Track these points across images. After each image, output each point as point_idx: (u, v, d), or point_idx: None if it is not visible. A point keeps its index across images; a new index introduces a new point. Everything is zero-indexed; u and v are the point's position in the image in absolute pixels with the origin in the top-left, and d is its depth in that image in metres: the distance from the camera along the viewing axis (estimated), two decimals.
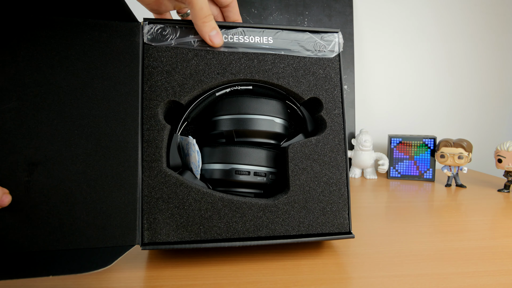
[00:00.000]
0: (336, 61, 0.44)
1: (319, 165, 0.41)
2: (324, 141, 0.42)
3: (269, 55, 0.42)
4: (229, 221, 0.38)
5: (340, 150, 0.42)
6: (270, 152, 0.42)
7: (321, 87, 0.43)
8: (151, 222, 0.37)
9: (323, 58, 0.43)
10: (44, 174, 0.34)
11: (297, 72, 0.42)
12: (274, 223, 0.39)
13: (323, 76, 0.43)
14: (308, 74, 0.43)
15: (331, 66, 0.43)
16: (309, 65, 0.43)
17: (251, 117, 0.41)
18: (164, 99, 0.39)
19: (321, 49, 0.43)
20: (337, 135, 0.42)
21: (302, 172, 0.41)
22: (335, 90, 0.43)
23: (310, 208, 0.40)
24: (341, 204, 0.41)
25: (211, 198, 0.38)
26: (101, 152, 0.35)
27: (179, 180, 0.38)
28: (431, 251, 0.43)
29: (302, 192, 0.40)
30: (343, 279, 0.36)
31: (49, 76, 0.35)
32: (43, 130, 0.34)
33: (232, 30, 0.41)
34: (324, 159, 0.41)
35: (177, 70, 0.40)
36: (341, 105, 0.43)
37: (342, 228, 0.41)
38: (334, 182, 0.41)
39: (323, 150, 0.42)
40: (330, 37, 0.44)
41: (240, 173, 0.40)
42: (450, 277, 0.36)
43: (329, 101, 0.43)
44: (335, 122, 0.43)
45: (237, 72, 0.41)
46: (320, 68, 0.43)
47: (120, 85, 0.37)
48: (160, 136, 0.38)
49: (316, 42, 0.43)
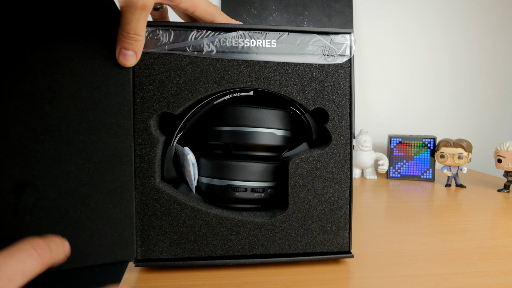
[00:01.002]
0: (347, 67, 0.40)
1: (320, 182, 0.39)
2: (328, 156, 0.39)
3: (271, 62, 0.38)
4: (224, 238, 0.37)
5: (345, 166, 0.39)
6: (269, 165, 0.39)
7: (328, 96, 0.39)
8: (144, 239, 0.36)
9: (332, 64, 0.39)
10: (33, 195, 0.31)
11: (302, 80, 0.39)
12: (270, 241, 0.38)
13: (331, 84, 0.39)
14: (314, 82, 0.39)
15: (340, 72, 0.39)
16: (316, 72, 0.39)
17: (250, 130, 0.38)
18: (156, 111, 0.36)
19: (331, 53, 0.39)
20: (342, 150, 0.39)
21: (302, 190, 0.38)
22: (343, 100, 0.39)
23: (309, 226, 0.38)
24: (342, 222, 0.39)
25: (205, 216, 0.37)
26: (94, 168, 0.33)
27: (173, 197, 0.37)
28: (431, 251, 0.43)
29: (301, 210, 0.38)
30: (343, 279, 0.36)
31: (31, 85, 0.31)
32: (29, 147, 0.31)
33: (232, 34, 0.37)
34: (327, 175, 0.39)
35: (170, 78, 0.37)
36: (349, 116, 0.40)
37: (341, 247, 0.39)
38: (335, 200, 0.39)
39: (326, 166, 0.39)
40: (340, 39, 0.39)
41: (237, 190, 0.38)
42: (450, 277, 0.36)
43: (335, 112, 0.39)
44: (341, 135, 0.39)
45: (235, 80, 0.38)
46: (328, 75, 0.39)
47: (111, 95, 0.34)
48: (153, 151, 0.36)
49: (325, 45, 0.39)
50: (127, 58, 0.34)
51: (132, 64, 0.34)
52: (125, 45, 0.33)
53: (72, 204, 0.32)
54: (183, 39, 0.37)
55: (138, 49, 0.34)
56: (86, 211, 0.32)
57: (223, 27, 0.37)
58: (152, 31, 0.36)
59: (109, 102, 0.33)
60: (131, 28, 0.32)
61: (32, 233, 0.29)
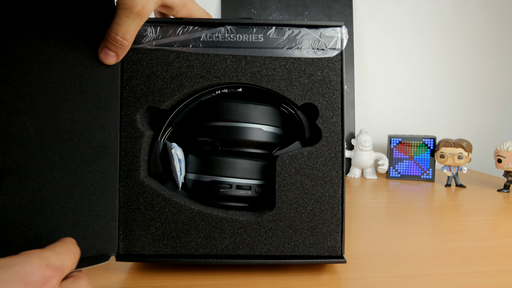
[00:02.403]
0: (338, 61, 0.38)
1: (310, 181, 0.37)
2: (318, 153, 0.37)
3: (258, 56, 0.37)
4: (207, 236, 0.36)
5: (336, 164, 0.37)
6: (257, 162, 0.38)
7: (318, 91, 0.38)
8: (126, 233, 0.36)
9: (322, 58, 0.38)
10: (15, 183, 0.30)
11: (290, 74, 0.38)
12: (256, 241, 0.36)
13: (321, 79, 0.38)
14: (303, 76, 0.38)
15: (331, 67, 0.38)
16: (305, 66, 0.38)
17: (236, 125, 0.38)
18: (143, 105, 0.37)
19: (320, 47, 0.38)
20: (333, 147, 0.38)
21: (290, 188, 0.37)
22: (334, 95, 0.38)
23: (298, 227, 0.37)
24: (333, 224, 0.37)
25: (189, 212, 0.36)
26: (79, 158, 0.32)
27: (156, 191, 0.36)
28: (431, 251, 0.43)
29: (289, 210, 0.37)
30: (343, 279, 0.36)
31: (19, 72, 0.30)
32: (13, 133, 0.30)
33: (218, 28, 0.37)
34: (317, 173, 0.37)
35: (157, 74, 0.37)
36: (341, 112, 0.38)
37: (333, 251, 0.37)
38: (326, 199, 0.37)
39: (315, 164, 0.37)
40: (331, 32, 0.37)
41: (221, 186, 0.37)
42: (450, 277, 0.36)
43: (326, 107, 0.38)
44: (332, 131, 0.38)
45: (221, 75, 0.37)
46: (318, 70, 0.38)
47: (99, 88, 0.34)
48: (138, 145, 0.36)
49: (314, 39, 0.38)
50: (108, 57, 0.34)
51: (111, 64, 0.34)
52: (109, 46, 0.33)
53: (55, 194, 0.31)
54: (170, 35, 0.37)
55: (120, 53, 0.34)
56: (69, 202, 0.32)
57: (209, 22, 0.37)
58: (142, 28, 0.37)
59: (97, 94, 0.34)
60: (120, 31, 0.32)
61: (12, 223, 0.29)
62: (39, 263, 0.21)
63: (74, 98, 0.32)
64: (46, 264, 0.21)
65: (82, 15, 0.33)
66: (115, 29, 0.32)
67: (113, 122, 0.35)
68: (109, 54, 0.33)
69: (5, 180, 0.29)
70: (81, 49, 0.33)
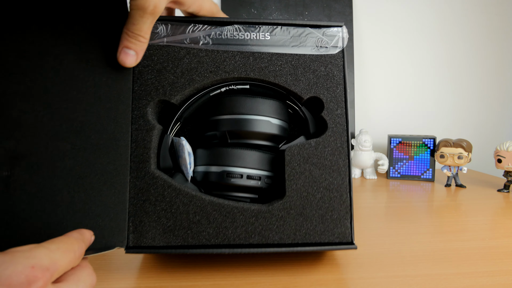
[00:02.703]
0: (340, 57, 0.41)
1: (318, 169, 0.38)
2: (325, 143, 0.39)
3: (265, 53, 0.40)
4: (219, 226, 0.36)
5: (342, 153, 0.39)
6: (266, 154, 0.39)
7: (322, 85, 0.40)
8: (136, 225, 0.35)
9: (325, 54, 0.40)
10: (27, 170, 0.30)
11: (296, 70, 0.40)
12: (268, 230, 0.37)
13: (325, 74, 0.40)
14: (308, 72, 0.40)
15: (333, 63, 0.40)
16: (309, 62, 0.40)
17: (245, 118, 0.39)
18: (154, 99, 0.38)
19: (323, 45, 0.40)
20: (339, 137, 0.39)
21: (299, 177, 0.38)
22: (338, 89, 0.40)
23: (308, 215, 0.37)
24: (342, 211, 0.38)
25: (200, 202, 0.36)
26: (91, 149, 0.33)
27: (167, 182, 0.36)
28: (431, 251, 0.43)
29: (299, 198, 0.38)
30: (343, 279, 0.36)
31: (35, 64, 0.32)
32: (28, 121, 0.31)
33: (227, 27, 0.39)
34: (324, 162, 0.39)
35: (168, 68, 0.38)
36: (344, 104, 0.40)
37: (343, 237, 0.38)
38: (335, 187, 0.38)
39: (323, 153, 0.39)
40: (333, 31, 0.40)
41: (232, 176, 0.37)
42: (450, 278, 0.36)
43: (330, 100, 0.40)
44: (337, 123, 0.40)
45: (231, 70, 0.39)
46: (322, 65, 0.40)
47: (112, 81, 0.35)
48: (148, 137, 0.37)
49: (317, 37, 0.40)
50: (128, 57, 0.35)
51: (131, 65, 0.35)
52: (128, 44, 0.34)
53: (65, 183, 0.31)
54: (181, 32, 0.39)
55: (140, 50, 0.35)
56: (79, 192, 0.32)
57: (218, 21, 0.39)
58: None
59: (109, 88, 0.35)
60: (137, 29, 0.33)
61: (22, 209, 0.30)
62: (24, 264, 0.20)
63: (88, 91, 0.33)
64: (31, 264, 0.20)
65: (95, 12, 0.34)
66: (131, 28, 0.33)
67: (125, 115, 0.35)
68: (129, 53, 0.34)
69: (17, 166, 0.30)
70: (96, 44, 0.34)
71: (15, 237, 0.29)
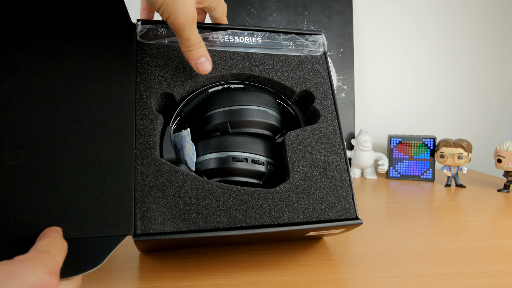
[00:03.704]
0: (323, 58, 0.47)
1: (317, 152, 0.41)
2: (320, 129, 0.42)
3: (259, 53, 0.44)
4: (229, 208, 0.36)
5: (336, 137, 0.43)
6: (267, 143, 0.42)
7: (311, 80, 0.45)
8: (144, 211, 0.34)
9: (310, 56, 0.46)
10: (32, 159, 0.32)
11: (286, 68, 0.45)
12: (277, 210, 0.37)
13: (312, 71, 0.46)
14: (298, 69, 0.45)
15: (318, 62, 0.46)
16: (298, 62, 0.46)
17: (246, 107, 0.41)
18: (157, 91, 0.39)
19: (307, 48, 0.47)
20: (332, 123, 0.43)
21: (301, 159, 0.40)
22: (325, 84, 0.45)
23: (313, 194, 0.39)
24: (344, 189, 0.40)
25: (208, 185, 0.36)
26: (94, 138, 0.34)
27: (174, 168, 0.36)
28: (431, 251, 0.43)
29: (303, 178, 0.39)
30: (343, 279, 0.36)
31: (43, 65, 0.35)
32: (34, 114, 0.33)
33: (223, 32, 0.44)
34: (322, 146, 0.42)
35: (170, 65, 0.40)
36: (332, 96, 0.45)
37: (348, 213, 0.39)
38: (334, 168, 0.41)
39: (319, 138, 0.42)
40: (314, 38, 0.47)
41: (238, 160, 0.39)
42: (450, 278, 0.36)
43: (319, 93, 0.45)
44: (328, 112, 0.44)
45: (228, 67, 0.43)
46: (308, 64, 0.46)
47: (116, 75, 0.37)
48: (153, 125, 0.37)
49: (302, 42, 0.47)
50: (204, 66, 0.38)
51: (210, 67, 0.39)
52: (195, 56, 0.38)
53: (70, 171, 0.32)
54: None
55: (205, 52, 0.38)
56: (83, 179, 0.33)
57: (215, 27, 0.44)
58: (153, 28, 0.41)
59: (113, 82, 0.37)
60: (192, 42, 0.37)
61: (28, 197, 0.31)
62: (43, 271, 0.22)
63: (92, 85, 0.36)
64: (49, 271, 0.23)
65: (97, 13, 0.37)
66: (187, 44, 0.37)
67: (129, 106, 0.37)
68: (201, 63, 0.38)
69: (23, 156, 0.32)
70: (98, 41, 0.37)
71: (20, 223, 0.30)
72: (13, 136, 0.32)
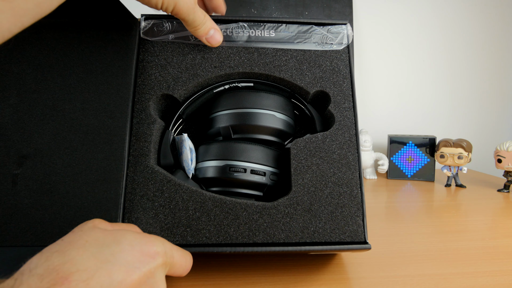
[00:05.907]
0: (345, 53, 0.41)
1: (326, 163, 0.36)
2: (332, 137, 0.37)
3: (270, 48, 0.39)
4: (220, 223, 0.34)
5: (351, 147, 0.37)
6: (271, 150, 0.38)
7: (328, 79, 0.39)
8: (132, 222, 0.33)
9: (330, 50, 0.40)
10: (32, 168, 0.33)
11: (301, 65, 0.39)
12: (273, 227, 0.34)
13: (331, 69, 0.40)
14: (314, 66, 0.39)
15: (339, 58, 0.40)
16: (315, 58, 0.40)
17: (249, 111, 0.37)
18: (157, 93, 0.37)
19: (328, 42, 0.40)
20: (348, 130, 0.38)
21: (306, 171, 0.36)
22: (344, 83, 0.39)
23: (316, 211, 0.35)
24: (353, 208, 0.36)
25: (200, 198, 0.34)
26: (87, 146, 0.35)
27: (167, 177, 0.35)
28: (431, 251, 0.43)
29: (306, 193, 0.35)
30: (343, 279, 0.36)
31: (47, 73, 0.36)
32: (36, 124, 0.35)
33: (232, 24, 0.39)
34: (333, 156, 0.37)
35: (172, 64, 0.38)
36: (352, 98, 0.39)
37: (355, 236, 0.35)
38: (344, 182, 0.36)
39: (330, 147, 0.37)
40: (337, 29, 0.40)
41: (235, 170, 0.36)
42: (450, 277, 0.36)
43: (337, 94, 0.39)
44: (345, 116, 0.38)
45: (235, 65, 0.39)
46: (327, 60, 0.40)
47: (113, 78, 0.37)
48: (149, 130, 0.36)
49: (322, 34, 0.40)
50: (215, 38, 0.37)
51: (222, 38, 0.38)
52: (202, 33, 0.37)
53: (62, 179, 0.34)
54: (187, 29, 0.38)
55: (212, 25, 0.37)
56: (74, 187, 0.34)
57: (224, 18, 0.40)
58: (158, 23, 0.39)
59: (109, 85, 0.37)
60: (197, 21, 0.36)
61: (26, 204, 0.33)
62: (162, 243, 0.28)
63: (89, 91, 0.36)
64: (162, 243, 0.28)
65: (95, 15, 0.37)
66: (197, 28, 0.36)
67: (122, 110, 0.36)
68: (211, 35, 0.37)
69: (24, 165, 0.33)
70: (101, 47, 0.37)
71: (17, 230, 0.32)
72: (18, 146, 0.34)
